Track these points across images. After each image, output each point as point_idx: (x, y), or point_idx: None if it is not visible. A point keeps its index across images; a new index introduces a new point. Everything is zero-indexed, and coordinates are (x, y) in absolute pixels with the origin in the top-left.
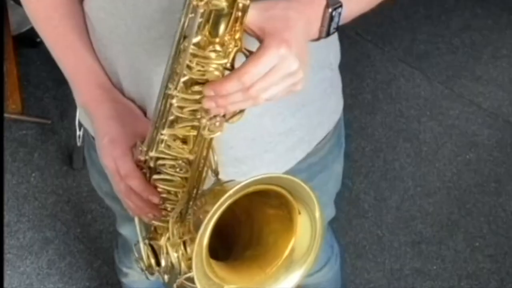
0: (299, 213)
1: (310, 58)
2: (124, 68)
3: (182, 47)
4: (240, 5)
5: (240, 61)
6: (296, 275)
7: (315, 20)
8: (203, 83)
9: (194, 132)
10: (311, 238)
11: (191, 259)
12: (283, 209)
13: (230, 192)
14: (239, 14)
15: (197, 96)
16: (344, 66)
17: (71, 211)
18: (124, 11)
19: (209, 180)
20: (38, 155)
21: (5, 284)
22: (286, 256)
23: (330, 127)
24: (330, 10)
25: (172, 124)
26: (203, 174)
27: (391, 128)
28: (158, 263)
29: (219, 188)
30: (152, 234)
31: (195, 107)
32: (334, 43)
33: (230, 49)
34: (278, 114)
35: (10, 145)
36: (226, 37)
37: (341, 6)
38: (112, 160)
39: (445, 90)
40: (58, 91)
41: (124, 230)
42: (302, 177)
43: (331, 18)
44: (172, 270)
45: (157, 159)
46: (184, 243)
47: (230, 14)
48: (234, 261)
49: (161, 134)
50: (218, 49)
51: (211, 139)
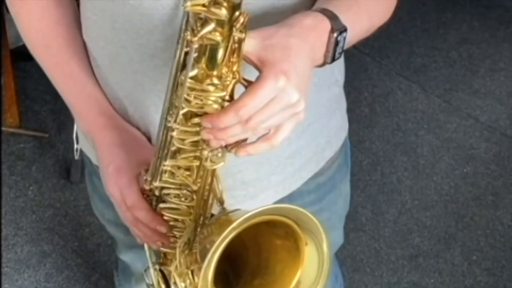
0: (306, 244)
1: (316, 77)
2: (127, 95)
3: (180, 81)
4: (236, 38)
5: (241, 91)
6: None
7: (320, 46)
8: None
9: (197, 163)
10: (318, 270)
11: None
12: (290, 239)
13: (234, 225)
14: (236, 46)
15: (197, 128)
16: None
17: (69, 225)
18: (126, 40)
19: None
20: (36, 169)
21: None
22: (293, 287)
23: (338, 146)
24: (335, 35)
25: (175, 155)
26: (209, 202)
27: (389, 142)
28: None
29: (225, 218)
30: (162, 260)
31: (196, 139)
32: (339, 59)
33: (228, 82)
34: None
35: (8, 159)
36: (224, 69)
37: (346, 30)
38: (118, 190)
39: (443, 104)
40: (56, 105)
41: (125, 257)
42: (312, 199)
43: (336, 43)
44: None
45: (162, 189)
46: (192, 272)
47: (226, 47)
48: None
49: (164, 165)
50: (216, 82)
51: (215, 169)
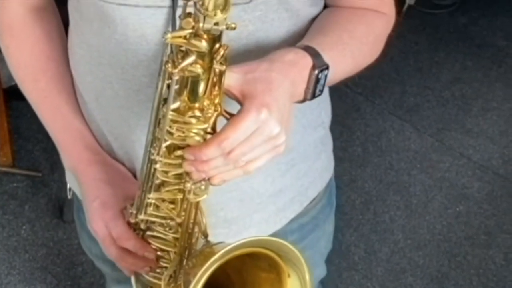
0: (289, 276)
1: (304, 119)
2: (112, 131)
3: (162, 113)
4: (217, 71)
5: (223, 123)
6: None
7: (301, 82)
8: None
9: (181, 195)
10: None
11: None
12: (273, 272)
13: (216, 257)
14: (217, 79)
15: (180, 161)
16: (334, 119)
17: (62, 264)
18: (112, 75)
19: (201, 241)
20: (29, 208)
21: None
22: None
23: (322, 187)
24: (316, 72)
25: (159, 188)
26: (193, 236)
27: (381, 181)
28: None
29: (209, 250)
30: None
31: (180, 171)
32: (326, 101)
33: (210, 114)
34: (267, 176)
35: (1, 198)
36: (205, 102)
37: (328, 68)
38: (103, 224)
39: (435, 143)
40: (49, 144)
41: None
42: (294, 238)
43: (317, 80)
44: None
45: (147, 222)
46: None
47: (208, 79)
48: None
49: (148, 198)
50: (198, 114)
51: (198, 202)
